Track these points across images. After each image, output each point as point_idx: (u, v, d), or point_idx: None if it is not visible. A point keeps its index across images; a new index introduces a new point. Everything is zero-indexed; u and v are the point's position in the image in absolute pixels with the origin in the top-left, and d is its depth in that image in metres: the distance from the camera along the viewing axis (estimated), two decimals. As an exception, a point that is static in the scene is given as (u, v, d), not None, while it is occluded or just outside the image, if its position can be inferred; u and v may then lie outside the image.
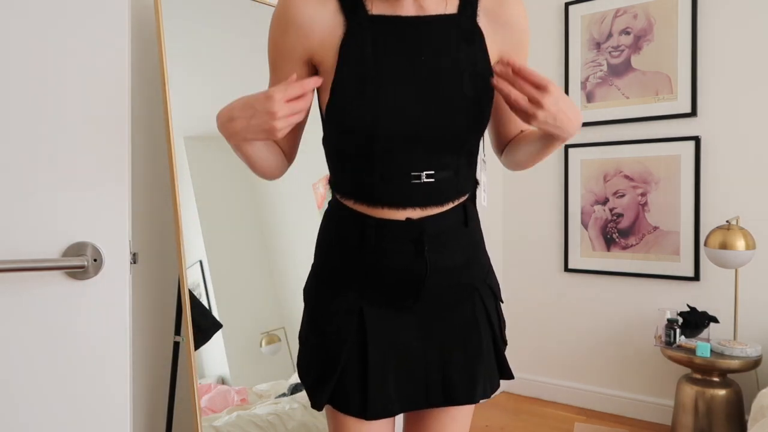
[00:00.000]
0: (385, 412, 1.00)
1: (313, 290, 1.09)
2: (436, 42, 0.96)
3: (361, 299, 1.02)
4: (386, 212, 0.98)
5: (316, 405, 1.03)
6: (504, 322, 1.14)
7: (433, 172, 0.97)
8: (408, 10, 0.96)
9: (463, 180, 1.03)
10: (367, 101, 0.93)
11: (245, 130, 0.89)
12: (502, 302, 1.16)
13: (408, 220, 0.98)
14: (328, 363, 1.02)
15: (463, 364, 1.03)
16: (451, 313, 1.05)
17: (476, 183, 1.11)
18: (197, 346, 1.70)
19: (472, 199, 1.09)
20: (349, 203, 1.02)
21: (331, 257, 1.06)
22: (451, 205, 1.01)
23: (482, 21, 1.00)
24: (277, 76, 1.03)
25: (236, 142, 0.93)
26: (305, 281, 1.14)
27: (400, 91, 0.94)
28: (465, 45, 0.97)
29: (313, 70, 1.02)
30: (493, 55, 1.01)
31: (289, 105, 0.86)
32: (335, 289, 1.04)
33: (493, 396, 3.32)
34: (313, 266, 1.11)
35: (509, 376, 1.11)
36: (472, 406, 1.12)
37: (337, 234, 1.05)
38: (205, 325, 1.74)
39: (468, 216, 1.05)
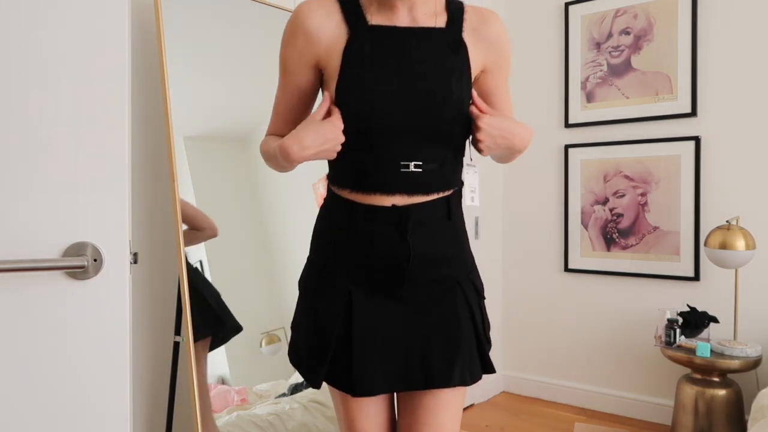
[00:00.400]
0: (369, 390, 1.10)
1: (306, 277, 1.20)
2: (427, 49, 1.09)
3: (350, 284, 1.12)
4: (376, 198, 1.09)
5: (314, 384, 1.13)
6: (488, 322, 1.22)
7: (420, 162, 1.08)
8: (403, 21, 1.10)
9: (448, 173, 1.13)
10: (366, 96, 1.06)
11: (316, 154, 1.06)
12: (484, 298, 1.22)
13: (393, 206, 1.08)
14: (321, 342, 1.12)
15: (442, 351, 1.12)
16: (435, 304, 1.14)
17: (462, 183, 1.20)
18: (213, 347, 1.71)
19: (458, 196, 1.18)
20: (344, 193, 1.13)
21: (324, 245, 1.17)
22: (436, 196, 1.11)
23: (467, 35, 1.13)
24: (287, 79, 1.17)
25: (299, 161, 1.08)
26: (301, 273, 1.23)
27: (394, 87, 1.06)
28: (452, 53, 1.10)
29: (319, 72, 1.15)
30: (476, 64, 1.15)
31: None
32: (327, 274, 1.15)
33: (491, 397, 3.32)
34: (308, 257, 1.22)
35: (491, 370, 1.18)
36: (462, 395, 1.18)
37: (330, 222, 1.17)
38: (230, 327, 1.75)
39: (451, 210, 1.14)
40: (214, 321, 1.73)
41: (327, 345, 1.11)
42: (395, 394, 1.23)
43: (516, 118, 1.19)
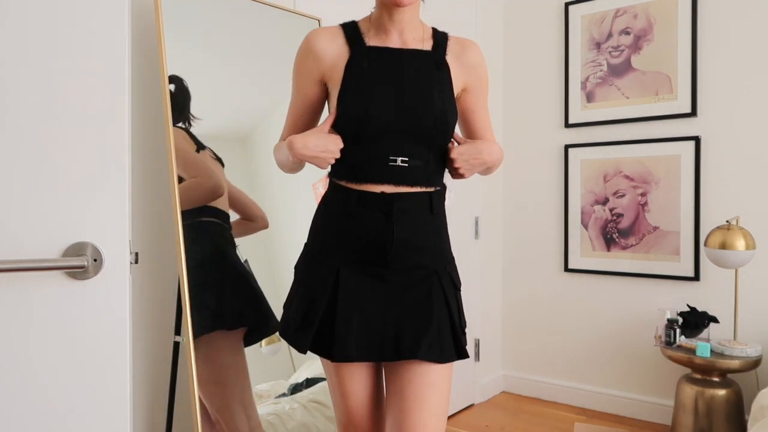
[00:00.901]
0: (346, 357, 1.24)
1: (301, 260, 1.36)
2: (414, 65, 1.29)
3: (340, 263, 1.27)
4: (367, 186, 1.26)
5: (300, 349, 1.29)
6: (464, 317, 1.34)
7: (406, 159, 1.26)
8: (394, 43, 1.31)
9: (432, 172, 1.29)
10: (362, 101, 1.25)
11: (313, 157, 1.25)
12: (460, 290, 1.35)
13: (382, 193, 1.25)
14: (309, 312, 1.28)
15: (412, 328, 1.25)
16: (412, 287, 1.28)
17: (445, 186, 1.34)
18: (250, 342, 1.79)
19: (440, 196, 1.33)
20: (342, 182, 1.30)
21: (320, 230, 1.34)
22: (419, 189, 1.27)
23: (450, 58, 1.33)
24: (298, 93, 1.38)
25: (298, 159, 1.27)
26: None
27: (386, 96, 1.25)
28: (435, 71, 1.30)
29: (324, 87, 1.36)
30: (457, 83, 1.34)
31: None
32: (320, 255, 1.31)
33: (491, 397, 3.32)
34: (305, 243, 1.38)
35: (464, 355, 1.30)
36: (443, 375, 1.28)
37: (327, 209, 1.33)
38: (272, 324, 1.81)
39: (433, 205, 1.30)
40: (263, 314, 1.82)
41: (314, 315, 1.27)
42: (382, 364, 1.36)
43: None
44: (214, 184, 1.76)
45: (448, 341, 1.27)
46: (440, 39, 1.34)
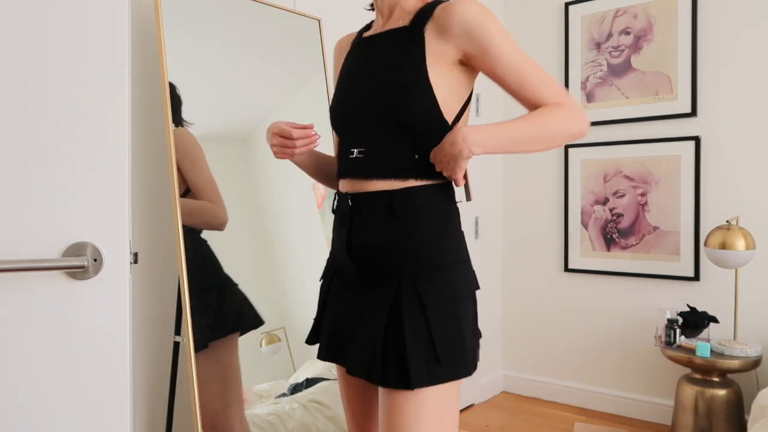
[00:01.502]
0: (321, 357, 1.27)
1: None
2: (384, 46, 1.21)
3: (334, 270, 1.29)
4: (340, 185, 1.24)
5: (307, 342, 1.36)
6: (442, 337, 1.09)
7: (363, 149, 1.18)
8: (378, 29, 1.27)
9: (391, 158, 1.14)
10: (335, 95, 1.28)
11: (269, 144, 1.25)
12: (429, 308, 1.11)
13: (346, 193, 1.20)
14: (315, 316, 1.35)
15: (353, 337, 1.18)
16: (370, 294, 1.17)
17: (434, 172, 1.16)
18: (245, 331, 1.80)
19: (412, 194, 1.14)
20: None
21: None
22: (377, 183, 1.15)
23: (430, 29, 1.15)
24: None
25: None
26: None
27: (351, 86, 1.23)
28: (405, 46, 1.16)
29: None
30: (444, 53, 1.14)
31: (282, 140, 1.22)
32: (330, 259, 1.34)
33: (491, 397, 3.32)
34: None
35: (408, 386, 1.07)
36: (417, 403, 1.08)
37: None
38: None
39: (394, 205, 1.13)
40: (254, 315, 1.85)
41: (317, 314, 1.34)
42: None
43: (540, 97, 1.15)
44: (225, 218, 1.77)
45: (395, 366, 1.08)
46: (426, 11, 1.17)
